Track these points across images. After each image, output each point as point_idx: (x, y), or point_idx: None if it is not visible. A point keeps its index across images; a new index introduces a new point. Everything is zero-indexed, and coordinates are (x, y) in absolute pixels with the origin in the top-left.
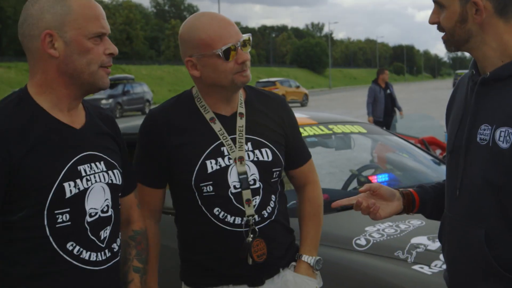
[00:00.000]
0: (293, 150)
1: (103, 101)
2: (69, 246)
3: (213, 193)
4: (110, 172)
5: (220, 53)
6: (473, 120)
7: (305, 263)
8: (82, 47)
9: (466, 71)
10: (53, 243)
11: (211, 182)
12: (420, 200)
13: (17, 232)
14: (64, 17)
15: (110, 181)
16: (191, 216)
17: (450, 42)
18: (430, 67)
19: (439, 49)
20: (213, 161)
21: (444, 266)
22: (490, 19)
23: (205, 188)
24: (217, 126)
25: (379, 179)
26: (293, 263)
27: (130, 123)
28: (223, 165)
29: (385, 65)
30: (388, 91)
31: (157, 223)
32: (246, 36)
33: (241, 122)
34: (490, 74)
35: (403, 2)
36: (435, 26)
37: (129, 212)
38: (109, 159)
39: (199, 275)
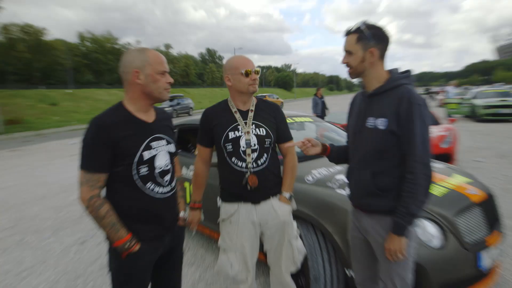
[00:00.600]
0: (281, 133)
1: (166, 108)
2: (149, 185)
3: (232, 149)
4: (168, 145)
5: (243, 72)
6: (364, 115)
7: (284, 197)
8: (154, 79)
9: None
10: (139, 183)
11: (231, 144)
12: (330, 150)
13: (121, 177)
14: (145, 62)
15: (169, 150)
16: (221, 163)
17: (353, 74)
18: (348, 86)
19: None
20: (232, 133)
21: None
22: (376, 61)
23: (228, 146)
24: (237, 115)
25: None
26: (278, 195)
27: (186, 119)
28: (238, 135)
29: (323, 86)
30: (322, 99)
31: (207, 167)
32: (257, 68)
33: (251, 114)
34: (372, 91)
35: (333, 51)
36: (345, 64)
37: (177, 166)
38: (167, 138)
39: (226, 195)
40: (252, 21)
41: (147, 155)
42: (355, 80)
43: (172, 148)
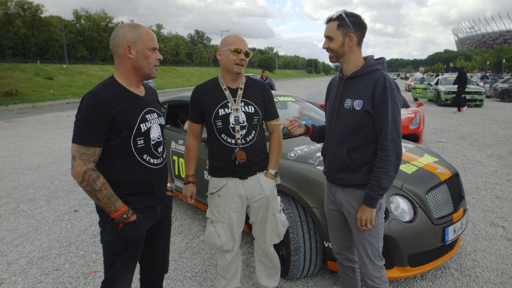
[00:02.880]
0: (268, 111)
1: None
2: (145, 156)
3: (222, 126)
4: (159, 118)
5: (232, 49)
6: (340, 97)
7: (270, 173)
8: (145, 54)
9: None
10: (136, 155)
11: (220, 120)
12: (312, 131)
13: (117, 150)
14: (137, 37)
15: (159, 123)
16: (211, 139)
17: (334, 57)
18: (325, 69)
19: (329, 61)
20: (222, 110)
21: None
22: (354, 46)
23: (218, 123)
24: (227, 92)
25: None
26: (264, 171)
27: (177, 95)
28: (227, 112)
29: (303, 69)
30: (268, 81)
31: (198, 142)
32: (248, 50)
33: (240, 92)
34: (350, 74)
35: (312, 37)
36: (326, 49)
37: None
38: (158, 111)
39: (214, 170)
40: (238, 5)
41: (143, 127)
42: (333, 64)
43: (162, 120)
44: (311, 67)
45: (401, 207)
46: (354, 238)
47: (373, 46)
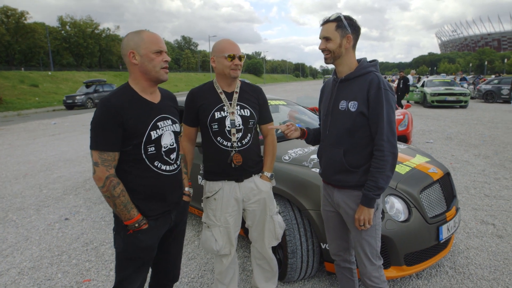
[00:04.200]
0: (262, 114)
1: (77, 97)
2: (155, 163)
3: (218, 129)
4: (173, 125)
5: (226, 56)
6: (335, 99)
7: (265, 176)
8: (149, 58)
9: (330, 76)
10: (147, 162)
11: (216, 123)
12: (308, 134)
13: (129, 156)
14: (139, 42)
15: (174, 130)
16: (206, 143)
17: (330, 58)
18: (312, 73)
19: (316, 65)
20: (218, 113)
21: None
22: (350, 48)
23: (213, 126)
24: (222, 96)
25: None
26: (260, 174)
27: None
28: (223, 115)
29: (290, 73)
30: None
31: (193, 145)
32: (242, 54)
33: (235, 96)
34: (344, 77)
35: (298, 41)
36: (319, 52)
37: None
38: (172, 118)
39: (210, 174)
40: (225, 11)
41: (154, 134)
42: (320, 68)
43: (177, 127)
44: (299, 71)
45: (396, 207)
46: (352, 238)
47: (359, 50)
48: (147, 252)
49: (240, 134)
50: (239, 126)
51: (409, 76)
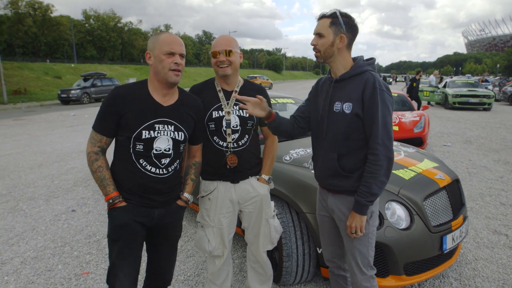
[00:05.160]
0: None
1: (72, 91)
2: (141, 161)
3: (214, 128)
4: (176, 132)
5: (210, 53)
6: (331, 100)
7: (263, 178)
8: (160, 59)
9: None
10: (132, 157)
11: (213, 123)
12: (274, 118)
13: (120, 145)
14: (155, 43)
15: (174, 137)
16: (204, 143)
17: (321, 57)
18: None
19: None
20: (216, 112)
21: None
22: (343, 48)
23: (210, 125)
24: (221, 95)
25: None
26: (257, 176)
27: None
28: (220, 115)
29: (310, 70)
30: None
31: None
32: (228, 48)
33: (234, 95)
34: (339, 77)
35: None
36: (313, 46)
37: (195, 153)
38: (178, 125)
39: (205, 173)
40: (246, 6)
41: (145, 134)
42: None
43: (180, 136)
44: (319, 68)
45: (397, 213)
46: (345, 246)
47: (381, 48)
48: (122, 231)
49: (236, 135)
50: (236, 126)
51: (431, 76)
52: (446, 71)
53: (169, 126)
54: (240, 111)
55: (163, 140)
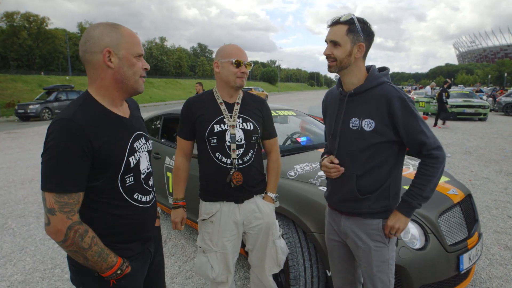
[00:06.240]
0: (266, 129)
1: (31, 106)
2: (135, 196)
3: (216, 144)
4: (147, 143)
5: (233, 61)
6: (345, 116)
7: (269, 196)
8: (130, 62)
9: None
10: (125, 196)
11: (216, 137)
12: None
13: (100, 192)
14: (119, 40)
15: (148, 149)
16: (203, 158)
17: (335, 67)
18: (327, 82)
19: (331, 74)
20: (218, 126)
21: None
22: (360, 58)
23: (212, 140)
24: (223, 107)
25: (301, 140)
26: (262, 195)
27: (173, 108)
28: (223, 128)
29: (305, 82)
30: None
31: (188, 161)
32: (249, 62)
33: (236, 107)
34: (354, 90)
35: (313, 50)
36: (327, 56)
37: None
38: (145, 134)
39: (206, 194)
40: (240, 19)
41: (133, 161)
42: (334, 77)
43: (149, 145)
44: (313, 80)
45: (411, 232)
46: (363, 274)
47: (374, 60)
48: None
49: (241, 150)
50: (241, 141)
51: (428, 88)
52: (438, 82)
53: (142, 139)
54: (244, 123)
55: (143, 158)
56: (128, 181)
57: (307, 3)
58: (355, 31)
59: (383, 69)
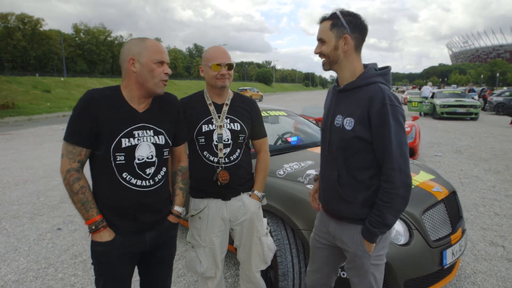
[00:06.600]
0: (255, 129)
1: None
2: (124, 175)
3: (204, 143)
4: (155, 136)
5: (210, 65)
6: (333, 112)
7: (255, 195)
8: (150, 68)
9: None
10: (115, 171)
11: (203, 137)
12: None
13: (99, 161)
14: (142, 50)
15: (154, 142)
16: (192, 157)
17: (327, 64)
18: (322, 83)
19: (326, 74)
20: (206, 126)
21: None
22: (350, 51)
23: (200, 139)
24: (211, 108)
25: (291, 139)
26: (249, 193)
27: None
28: (211, 128)
29: (300, 82)
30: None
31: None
32: (231, 62)
33: (225, 108)
34: (343, 86)
35: (308, 51)
36: (318, 54)
37: (180, 156)
38: (157, 129)
39: (195, 191)
40: (235, 20)
41: (125, 142)
42: (329, 77)
43: (160, 139)
44: (308, 80)
45: (395, 229)
46: (348, 276)
47: (368, 60)
48: (114, 267)
49: (228, 150)
50: (228, 140)
51: (425, 88)
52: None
53: (148, 131)
54: (231, 124)
55: (144, 147)
56: (118, 159)
57: (301, 4)
58: (339, 25)
59: (384, 69)
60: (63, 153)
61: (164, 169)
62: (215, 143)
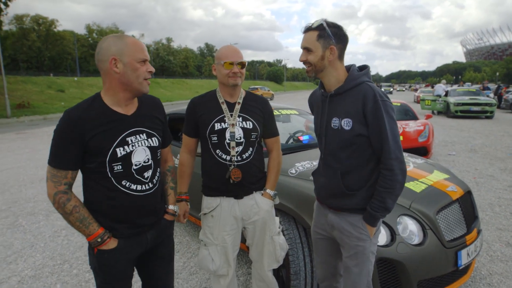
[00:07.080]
0: (267, 128)
1: None
2: (124, 182)
3: (217, 141)
4: (149, 139)
5: (222, 63)
6: (327, 116)
7: (268, 194)
8: (133, 67)
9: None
10: (113, 181)
11: (216, 135)
12: None
13: (94, 173)
14: (123, 49)
15: (149, 145)
16: (205, 155)
17: (312, 72)
18: None
19: None
20: (218, 124)
21: None
22: (335, 60)
23: (213, 138)
24: (224, 106)
25: (303, 138)
26: (261, 191)
27: (178, 108)
28: (223, 126)
29: (311, 81)
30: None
31: (192, 157)
32: (243, 60)
33: (237, 107)
34: (334, 91)
35: None
36: (303, 62)
37: (166, 157)
38: (149, 131)
39: (208, 189)
40: (246, 19)
41: (120, 152)
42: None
43: (154, 141)
44: (319, 79)
45: (409, 228)
46: (343, 264)
47: (380, 58)
48: (119, 274)
49: (240, 148)
50: (240, 139)
51: (438, 86)
52: (446, 80)
53: (141, 135)
54: (243, 122)
55: (140, 152)
56: (116, 169)
57: (312, 3)
58: (325, 36)
59: (364, 68)
60: (48, 176)
61: (158, 169)
62: (228, 141)
